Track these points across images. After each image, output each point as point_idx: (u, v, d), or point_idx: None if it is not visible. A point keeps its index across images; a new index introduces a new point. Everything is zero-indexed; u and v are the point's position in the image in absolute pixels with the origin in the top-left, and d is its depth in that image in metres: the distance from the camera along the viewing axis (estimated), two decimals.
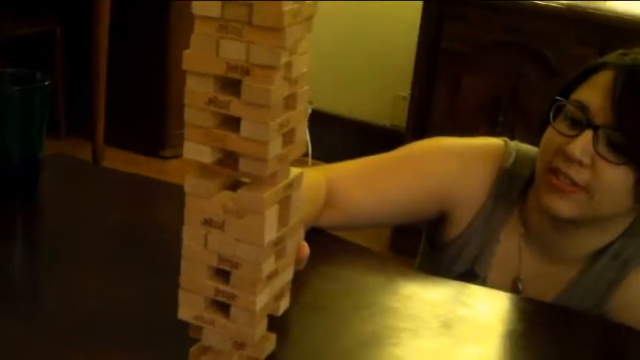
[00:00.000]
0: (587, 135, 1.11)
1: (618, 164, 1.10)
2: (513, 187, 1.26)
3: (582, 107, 1.13)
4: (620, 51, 1.18)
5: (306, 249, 0.93)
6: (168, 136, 3.61)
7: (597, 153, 1.11)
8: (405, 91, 3.12)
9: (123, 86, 3.52)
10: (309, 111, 3.66)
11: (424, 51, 2.85)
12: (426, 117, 2.88)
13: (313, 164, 3.34)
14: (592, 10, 2.60)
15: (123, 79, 3.50)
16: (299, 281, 0.87)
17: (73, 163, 1.55)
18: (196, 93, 0.74)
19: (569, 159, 1.12)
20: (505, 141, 1.30)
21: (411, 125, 2.93)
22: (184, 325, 0.81)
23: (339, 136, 3.61)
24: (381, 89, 3.56)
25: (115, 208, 1.25)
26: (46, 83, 1.21)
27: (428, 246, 1.36)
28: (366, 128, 3.61)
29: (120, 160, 3.38)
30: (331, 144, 3.50)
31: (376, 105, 3.59)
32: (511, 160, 1.27)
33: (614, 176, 1.11)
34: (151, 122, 3.63)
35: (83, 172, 1.50)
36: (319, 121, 3.51)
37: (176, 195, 1.17)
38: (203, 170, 0.77)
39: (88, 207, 1.26)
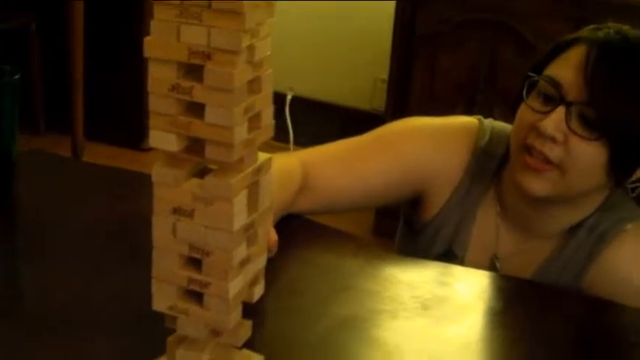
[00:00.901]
0: (560, 111, 1.11)
1: (591, 140, 1.10)
2: (488, 166, 1.26)
3: (555, 83, 1.12)
4: (593, 26, 1.17)
5: (273, 235, 0.93)
6: (147, 128, 3.59)
7: (570, 129, 1.10)
8: (384, 74, 3.11)
9: (101, 80, 3.50)
10: (290, 97, 3.65)
11: (400, 33, 2.84)
12: (405, 99, 2.88)
13: (294, 150, 3.34)
14: None
15: (100, 73, 3.48)
16: (275, 266, 0.87)
17: (50, 159, 1.54)
18: (159, 80, 0.73)
19: (542, 135, 1.11)
20: (479, 119, 1.30)
21: (390, 108, 2.93)
22: (160, 314, 0.80)
23: (320, 122, 3.60)
24: (360, 73, 3.56)
25: (94, 202, 1.25)
26: (16, 77, 1.19)
27: (406, 228, 1.36)
28: (347, 112, 3.60)
29: (101, 154, 3.36)
30: (312, 129, 3.50)
31: (356, 89, 3.58)
32: (486, 138, 1.26)
33: (587, 152, 1.11)
34: (130, 115, 3.61)
35: (61, 167, 1.49)
36: (300, 107, 3.51)
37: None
38: (170, 159, 0.76)
39: (66, 202, 1.25)
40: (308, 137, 3.41)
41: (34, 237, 1.13)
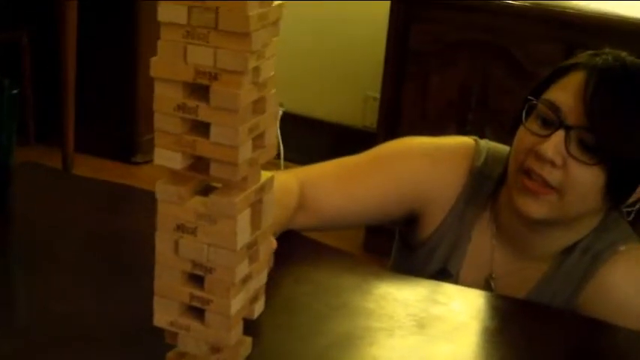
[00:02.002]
0: (560, 135, 1.12)
1: (590, 165, 1.11)
2: (485, 186, 1.27)
3: (554, 107, 1.14)
4: (591, 52, 1.19)
5: (272, 244, 0.93)
6: (138, 141, 3.59)
7: (569, 153, 1.11)
8: (376, 92, 3.13)
9: (92, 92, 3.50)
10: (281, 113, 3.66)
11: (393, 51, 2.86)
12: (396, 117, 2.89)
13: (285, 166, 3.35)
14: (558, 8, 2.62)
15: (91, 85, 3.48)
16: (272, 284, 0.88)
17: (43, 172, 1.54)
18: (165, 99, 0.74)
19: (542, 159, 1.12)
20: (475, 140, 1.31)
21: (382, 125, 2.94)
22: (158, 330, 0.81)
23: (311, 138, 3.61)
24: (352, 90, 3.57)
25: (87, 215, 1.25)
26: (14, 92, 1.20)
27: (401, 246, 1.37)
28: (338, 129, 3.61)
29: (91, 167, 3.36)
30: (303, 146, 3.51)
31: (347, 106, 3.60)
32: (482, 159, 1.28)
33: (586, 176, 1.12)
34: (121, 128, 3.60)
35: (54, 180, 1.49)
36: (291, 123, 3.52)
37: (147, 201, 1.17)
38: (174, 176, 0.77)
39: (59, 215, 1.25)
40: (298, 153, 3.43)
41: (29, 250, 1.14)
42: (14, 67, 3.45)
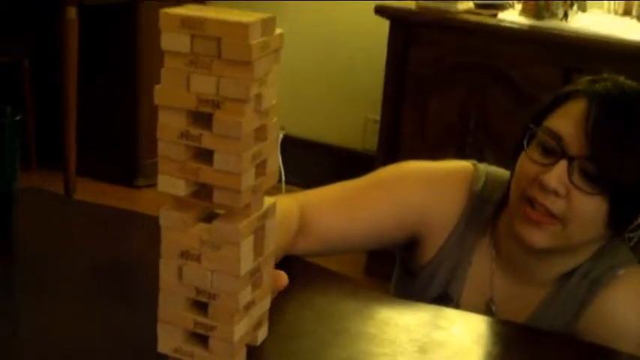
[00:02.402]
0: (562, 165, 1.12)
1: (593, 194, 1.11)
2: (484, 211, 1.28)
3: (556, 136, 1.14)
4: (590, 78, 1.19)
5: (285, 279, 0.94)
6: (140, 165, 3.60)
7: (572, 183, 1.12)
8: (376, 115, 3.15)
9: (93, 116, 3.50)
10: (281, 136, 3.65)
11: (392, 74, 2.88)
12: (396, 140, 2.90)
13: (287, 190, 3.35)
14: (555, 31, 2.63)
15: (93, 109, 3.48)
16: (274, 309, 0.88)
17: (46, 197, 1.55)
18: (168, 127, 0.75)
19: (545, 189, 1.13)
20: (474, 164, 1.32)
21: (382, 148, 2.95)
22: (162, 356, 0.81)
23: (311, 161, 3.62)
24: (352, 113, 3.59)
25: (89, 241, 1.25)
26: (17, 118, 1.21)
27: (402, 271, 1.38)
28: (338, 152, 3.62)
29: (92, 191, 3.36)
30: (304, 169, 3.52)
31: (347, 129, 3.61)
32: (480, 184, 1.28)
33: (589, 206, 1.12)
34: (122, 152, 3.61)
35: (56, 205, 1.50)
36: (291, 146, 3.53)
37: (149, 226, 1.17)
38: (178, 203, 0.78)
39: (61, 240, 1.26)
40: (299, 177, 3.44)
41: (32, 275, 1.14)
42: (15, 90, 3.47)
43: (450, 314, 1.15)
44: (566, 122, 1.14)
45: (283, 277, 0.93)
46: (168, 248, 0.77)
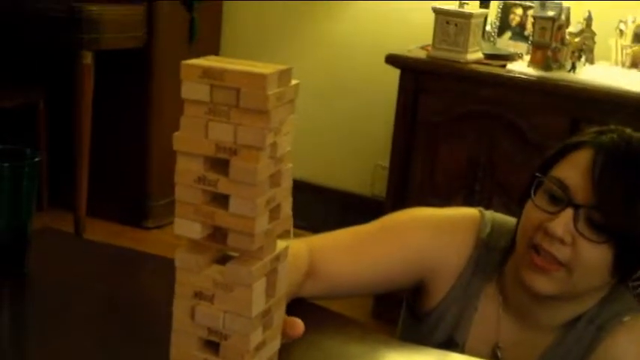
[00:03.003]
0: (568, 213, 1.14)
1: (599, 243, 1.13)
2: (491, 258, 1.29)
3: (562, 186, 1.16)
4: (596, 128, 1.22)
5: (301, 326, 0.94)
6: (150, 206, 3.62)
7: (578, 231, 1.14)
8: (385, 161, 3.17)
9: (105, 157, 3.53)
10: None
11: (402, 122, 2.90)
12: (405, 187, 2.92)
13: (295, 234, 3.36)
14: (563, 82, 2.67)
15: (104, 150, 3.52)
16: (281, 350, 0.89)
17: (58, 236, 1.57)
18: (186, 172, 0.77)
19: (551, 237, 1.14)
20: (480, 211, 1.34)
21: (390, 195, 2.97)
22: None
23: (320, 206, 3.64)
24: (362, 159, 3.61)
25: (100, 281, 1.27)
26: (36, 160, 1.23)
27: (408, 315, 1.39)
28: (347, 198, 3.64)
29: (102, 231, 3.38)
30: (312, 213, 3.53)
31: (357, 175, 3.63)
32: (487, 231, 1.30)
33: (594, 254, 1.14)
34: (132, 193, 3.63)
35: (69, 245, 1.51)
36: (300, 190, 3.54)
37: (159, 266, 1.19)
38: (193, 245, 0.80)
39: (73, 280, 1.27)
40: (307, 221, 3.45)
41: (44, 311, 1.15)
42: (29, 130, 3.50)
43: (457, 359, 1.16)
44: (573, 171, 1.16)
45: (299, 325, 0.94)
46: (182, 289, 0.79)
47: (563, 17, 2.73)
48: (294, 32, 3.68)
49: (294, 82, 0.78)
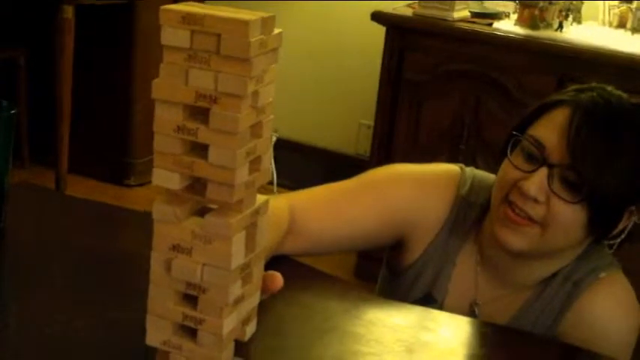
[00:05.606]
0: (543, 172, 1.13)
1: (573, 202, 1.13)
2: (469, 214, 1.29)
3: (538, 144, 1.15)
4: (576, 86, 1.20)
5: (280, 280, 0.93)
6: (133, 164, 3.61)
7: (552, 191, 1.13)
8: (369, 120, 3.16)
9: (86, 114, 3.51)
10: (275, 139, 3.67)
11: (386, 80, 2.89)
12: (389, 145, 2.92)
13: (278, 192, 3.36)
14: (550, 41, 2.66)
15: (86, 107, 3.49)
16: (262, 305, 0.89)
17: (36, 192, 1.55)
18: (165, 121, 0.75)
19: (525, 195, 1.14)
20: (461, 167, 1.33)
21: (374, 153, 2.96)
22: (151, 350, 0.81)
23: (304, 164, 3.63)
24: (345, 118, 3.60)
25: (80, 236, 1.26)
26: (12, 112, 1.21)
27: (387, 271, 1.39)
28: (331, 156, 3.63)
29: (84, 189, 3.37)
30: (296, 172, 3.53)
31: (341, 133, 3.62)
32: (467, 187, 1.29)
33: (568, 213, 1.13)
34: (115, 150, 3.62)
35: (48, 200, 1.50)
36: (284, 149, 3.54)
37: (140, 222, 1.17)
38: (171, 197, 0.78)
39: (52, 234, 1.26)
40: (292, 179, 3.45)
41: (21, 270, 1.14)
42: (10, 86, 3.47)
43: (438, 316, 1.16)
44: (549, 130, 1.15)
45: (278, 279, 0.93)
46: (160, 241, 0.78)
47: None
48: None
49: (277, 30, 0.76)
